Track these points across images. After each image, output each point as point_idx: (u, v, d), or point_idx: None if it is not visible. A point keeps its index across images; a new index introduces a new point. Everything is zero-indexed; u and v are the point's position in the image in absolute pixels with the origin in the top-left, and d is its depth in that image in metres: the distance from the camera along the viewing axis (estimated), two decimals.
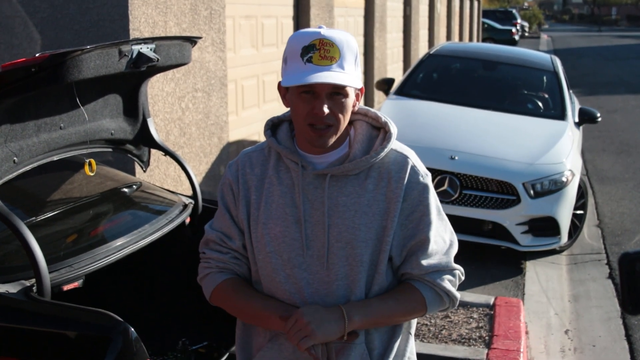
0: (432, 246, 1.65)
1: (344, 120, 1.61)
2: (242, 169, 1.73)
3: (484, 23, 30.28)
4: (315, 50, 1.55)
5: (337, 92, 1.57)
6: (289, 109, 1.68)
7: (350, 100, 1.62)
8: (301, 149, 1.69)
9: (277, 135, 1.74)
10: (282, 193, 1.66)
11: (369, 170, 1.65)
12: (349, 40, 1.60)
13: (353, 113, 1.68)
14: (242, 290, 1.75)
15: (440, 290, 1.66)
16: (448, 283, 1.67)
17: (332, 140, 1.61)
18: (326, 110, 1.57)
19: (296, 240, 1.64)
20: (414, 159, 1.69)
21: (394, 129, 1.68)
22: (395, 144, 1.69)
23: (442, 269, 1.66)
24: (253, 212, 1.69)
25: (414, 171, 1.66)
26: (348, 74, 1.57)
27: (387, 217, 1.62)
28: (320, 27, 1.60)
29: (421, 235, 1.64)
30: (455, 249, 1.71)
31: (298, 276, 1.65)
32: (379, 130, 1.70)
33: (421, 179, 1.66)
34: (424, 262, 1.64)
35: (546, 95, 6.68)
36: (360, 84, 1.61)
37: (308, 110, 1.58)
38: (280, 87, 1.67)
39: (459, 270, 1.71)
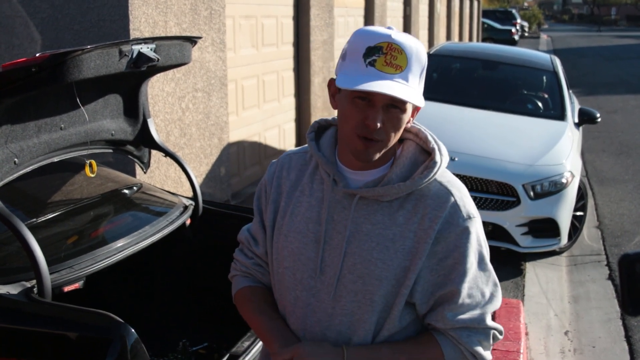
0: (464, 299, 1.43)
1: (394, 138, 1.43)
2: (279, 171, 1.60)
3: (483, 23, 30.29)
4: (381, 54, 1.36)
5: (394, 106, 1.39)
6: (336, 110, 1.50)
7: (407, 116, 1.42)
8: (341, 160, 1.51)
9: (320, 140, 1.57)
10: (310, 206, 1.51)
11: (405, 199, 1.44)
12: (420, 50, 1.40)
13: (405, 130, 1.49)
14: (256, 303, 1.63)
15: (466, 350, 1.44)
16: (477, 344, 1.44)
17: (377, 156, 1.42)
18: (379, 124, 1.38)
19: (311, 260, 1.49)
20: (460, 196, 1.46)
21: (441, 157, 1.46)
22: (442, 175, 1.47)
23: (473, 327, 1.44)
24: (279, 221, 1.56)
25: (455, 210, 1.43)
26: (412, 88, 1.38)
27: (411, 258, 1.42)
28: (390, 28, 1.42)
29: (451, 286, 1.43)
30: (495, 305, 1.48)
31: (305, 301, 1.51)
32: (428, 155, 1.49)
33: (462, 220, 1.43)
34: (452, 316, 1.42)
35: (546, 96, 6.68)
36: (422, 102, 1.40)
37: (360, 119, 1.39)
38: (331, 84, 1.48)
39: (496, 330, 1.48)
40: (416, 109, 1.45)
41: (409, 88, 1.37)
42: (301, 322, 1.51)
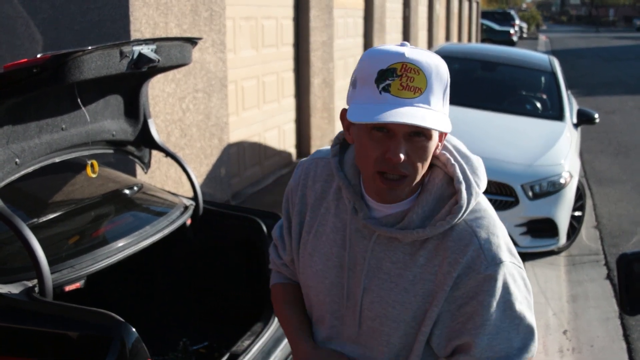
0: (484, 352, 1.28)
1: (422, 169, 1.26)
2: (304, 179, 1.47)
3: (482, 24, 30.31)
4: (396, 77, 1.20)
5: (418, 133, 1.22)
6: None
7: (433, 144, 1.25)
8: (365, 188, 1.36)
9: (345, 154, 1.41)
10: (335, 228, 1.39)
11: (427, 240, 1.31)
12: (440, 66, 1.23)
13: (433, 156, 1.31)
14: (287, 302, 1.55)
15: None
16: None
17: (405, 192, 1.28)
18: (402, 156, 1.21)
19: (335, 285, 1.40)
20: (486, 238, 1.28)
21: (466, 199, 1.28)
22: (470, 214, 1.31)
23: None
24: (304, 236, 1.45)
25: (478, 255, 1.27)
26: (435, 111, 1.21)
27: (431, 301, 1.30)
28: (403, 45, 1.26)
29: (467, 336, 1.29)
30: (527, 356, 1.30)
31: (329, 322, 1.43)
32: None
33: (484, 267, 1.26)
34: None
35: (544, 96, 6.70)
36: (448, 127, 1.22)
37: (379, 153, 1.23)
38: (343, 116, 1.34)
39: None
40: (443, 133, 1.29)
41: (432, 112, 1.21)
42: (326, 343, 1.45)
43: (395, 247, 1.32)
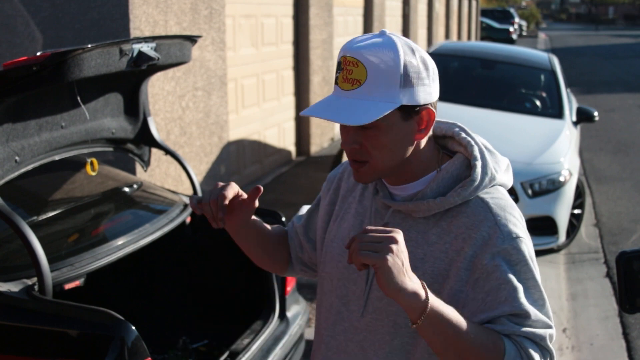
0: (525, 314, 1.25)
1: (385, 156, 1.27)
2: (341, 172, 1.52)
3: (482, 22, 30.30)
4: (340, 70, 1.24)
5: (364, 126, 1.24)
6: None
7: (393, 132, 1.25)
8: None
9: None
10: (357, 213, 1.42)
11: (441, 217, 1.30)
12: (390, 57, 1.21)
13: (456, 143, 1.37)
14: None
15: (526, 355, 1.24)
16: (536, 357, 1.25)
17: (372, 177, 1.31)
18: (355, 145, 1.27)
19: (346, 269, 1.39)
20: (502, 215, 1.28)
21: (480, 174, 1.30)
22: (488, 193, 1.31)
23: (535, 342, 1.26)
24: (330, 224, 1.48)
25: (494, 230, 1.26)
26: (371, 102, 1.21)
27: (442, 281, 1.29)
28: (378, 35, 1.27)
29: (495, 312, 1.25)
30: (551, 331, 1.28)
31: (337, 308, 1.42)
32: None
33: (501, 241, 1.25)
34: (514, 326, 1.25)
35: (544, 94, 6.70)
36: (375, 115, 1.20)
37: (342, 142, 1.30)
38: None
39: (550, 353, 1.28)
40: (422, 118, 1.28)
41: (365, 103, 1.21)
42: (330, 329, 1.43)
43: (409, 225, 1.32)
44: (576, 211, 5.56)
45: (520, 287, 1.25)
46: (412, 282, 1.15)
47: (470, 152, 1.34)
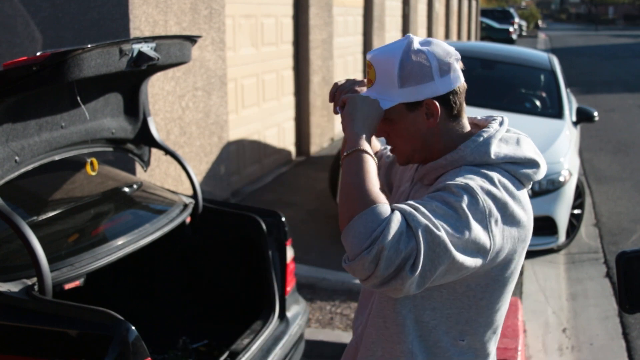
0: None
1: (407, 144, 1.47)
2: None
3: (482, 22, 30.30)
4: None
5: (385, 118, 1.45)
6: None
7: (404, 123, 1.45)
8: None
9: None
10: (406, 181, 1.62)
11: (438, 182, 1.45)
12: (386, 58, 1.42)
13: (480, 126, 1.51)
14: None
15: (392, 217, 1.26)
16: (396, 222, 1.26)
17: (404, 160, 1.51)
18: (382, 134, 1.50)
19: None
20: (465, 174, 1.37)
21: (469, 146, 1.42)
22: (477, 172, 1.39)
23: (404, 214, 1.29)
24: (395, 188, 1.72)
25: (449, 177, 1.39)
26: (379, 99, 1.42)
27: None
28: (401, 39, 1.46)
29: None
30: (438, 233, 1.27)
31: None
32: None
33: (446, 178, 1.39)
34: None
35: (544, 94, 6.70)
36: (390, 102, 1.41)
37: None
38: None
39: (415, 233, 1.25)
40: (426, 108, 1.42)
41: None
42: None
43: (422, 192, 1.47)
44: (576, 211, 5.56)
45: (430, 200, 1.33)
46: (361, 129, 1.39)
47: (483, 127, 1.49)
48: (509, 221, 1.40)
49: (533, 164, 1.48)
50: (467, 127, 1.50)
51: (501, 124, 1.51)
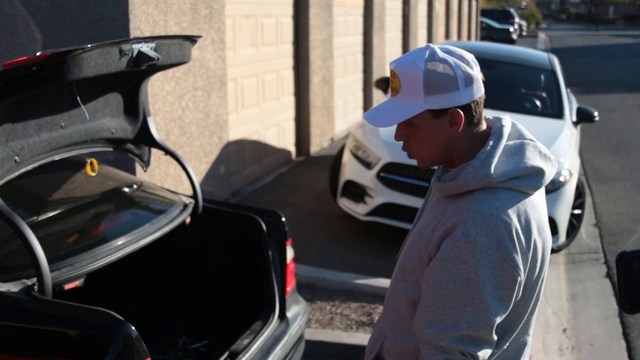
0: (433, 310, 1.48)
1: (425, 149, 1.53)
2: None
3: (482, 22, 30.30)
4: (389, 80, 1.53)
5: (407, 123, 1.51)
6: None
7: (426, 129, 1.50)
8: None
9: None
10: (430, 193, 1.73)
11: (453, 201, 1.52)
12: (412, 67, 1.46)
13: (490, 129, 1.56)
14: None
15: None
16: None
17: (426, 165, 1.56)
18: (400, 137, 1.55)
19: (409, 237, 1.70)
20: (472, 220, 1.43)
21: (470, 173, 1.47)
22: (487, 195, 1.46)
23: (435, 344, 1.47)
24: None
25: (457, 227, 1.45)
26: (401, 106, 1.48)
27: (427, 246, 1.54)
28: (422, 49, 1.50)
29: (425, 287, 1.51)
30: (474, 334, 1.45)
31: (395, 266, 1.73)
32: None
33: (457, 239, 1.44)
34: (421, 323, 1.50)
35: (544, 94, 6.69)
36: (399, 118, 1.48)
37: None
38: None
39: (467, 352, 1.45)
40: (450, 116, 1.48)
41: (397, 107, 1.49)
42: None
43: (439, 202, 1.57)
44: (576, 211, 5.55)
45: (444, 285, 1.45)
46: None
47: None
48: (524, 250, 1.48)
49: (538, 173, 1.52)
50: (484, 127, 1.56)
51: (500, 136, 1.52)
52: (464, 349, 1.44)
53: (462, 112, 1.48)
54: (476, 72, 1.49)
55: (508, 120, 1.58)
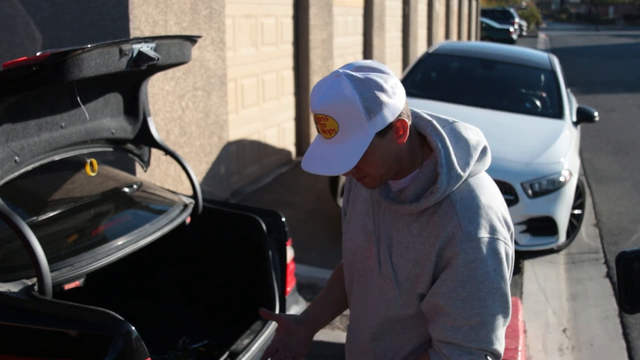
0: (457, 317, 1.45)
1: (379, 168, 1.45)
2: None
3: (482, 22, 30.30)
4: (317, 123, 1.40)
5: None
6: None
7: (377, 150, 1.42)
8: None
9: None
10: (364, 199, 1.63)
11: (421, 214, 1.49)
12: (345, 96, 1.36)
13: (428, 136, 1.50)
14: (330, 279, 1.85)
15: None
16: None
17: (377, 183, 1.49)
18: (350, 173, 1.46)
19: (361, 247, 1.62)
20: (466, 216, 1.45)
21: (445, 182, 1.45)
22: (459, 193, 1.47)
23: (464, 345, 1.46)
24: (348, 209, 1.70)
25: (457, 230, 1.44)
26: (345, 145, 1.38)
27: (421, 268, 1.50)
28: (333, 80, 1.39)
29: (440, 299, 1.47)
30: (494, 328, 1.46)
31: (356, 279, 1.66)
32: None
33: (460, 242, 1.43)
34: (445, 330, 1.47)
35: (544, 94, 6.69)
36: (352, 161, 1.38)
37: None
38: None
39: (492, 353, 1.47)
40: (397, 128, 1.42)
41: (340, 147, 1.38)
42: (353, 298, 1.68)
43: (398, 217, 1.53)
44: (576, 211, 5.55)
45: (462, 288, 1.44)
46: None
47: (437, 156, 1.47)
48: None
49: (484, 148, 1.55)
50: (417, 139, 1.51)
51: (437, 131, 1.49)
52: (489, 349, 1.46)
53: (404, 119, 1.43)
54: (392, 79, 1.42)
55: (419, 111, 1.54)
